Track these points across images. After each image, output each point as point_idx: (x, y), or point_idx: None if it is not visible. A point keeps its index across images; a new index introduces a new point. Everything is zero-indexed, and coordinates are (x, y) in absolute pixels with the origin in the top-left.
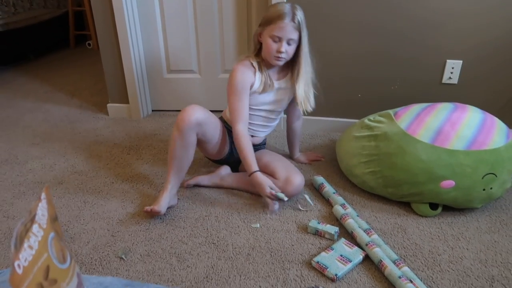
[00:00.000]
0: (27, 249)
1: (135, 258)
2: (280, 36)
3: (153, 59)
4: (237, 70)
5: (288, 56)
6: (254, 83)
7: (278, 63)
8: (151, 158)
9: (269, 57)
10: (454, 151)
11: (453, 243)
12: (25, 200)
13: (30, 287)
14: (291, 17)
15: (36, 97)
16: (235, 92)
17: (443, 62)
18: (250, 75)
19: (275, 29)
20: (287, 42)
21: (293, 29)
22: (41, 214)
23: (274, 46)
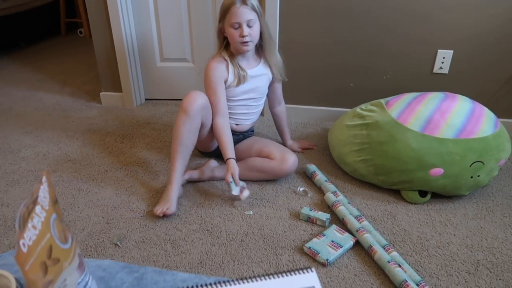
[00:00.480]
0: (31, 229)
1: (130, 245)
2: (238, 21)
3: (146, 47)
4: (210, 66)
5: (253, 38)
6: (228, 76)
7: (247, 48)
8: (145, 147)
9: (237, 45)
10: (444, 140)
11: (441, 229)
12: (19, 188)
13: (35, 265)
14: (241, 1)
15: (28, 85)
16: (210, 87)
17: (434, 52)
18: (222, 69)
19: (231, 16)
20: (247, 25)
21: (248, 10)
22: (43, 197)
23: (237, 32)
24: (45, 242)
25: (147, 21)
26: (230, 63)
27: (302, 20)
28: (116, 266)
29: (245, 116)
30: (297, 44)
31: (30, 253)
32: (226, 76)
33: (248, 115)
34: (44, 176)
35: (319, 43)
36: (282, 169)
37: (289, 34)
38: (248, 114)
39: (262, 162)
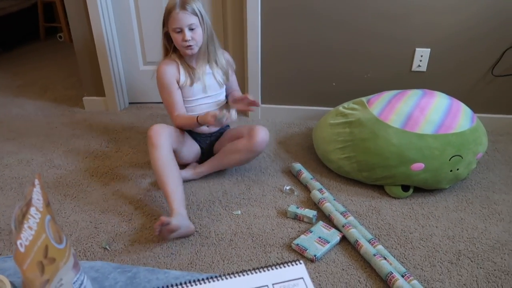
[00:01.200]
0: (27, 230)
1: (119, 248)
2: (179, 26)
3: (128, 51)
4: (161, 69)
5: (197, 41)
6: (180, 77)
7: (191, 51)
8: (130, 150)
9: (181, 49)
10: (423, 135)
11: (424, 222)
12: (3, 195)
13: (32, 264)
14: (180, 6)
15: (8, 92)
16: (164, 89)
17: (412, 51)
18: (173, 70)
19: (173, 22)
20: (189, 29)
21: (187, 16)
22: (37, 199)
23: (179, 37)
24: (41, 242)
25: (128, 23)
26: (180, 64)
27: (283, 25)
28: (108, 267)
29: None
30: (279, 48)
31: (27, 252)
32: (178, 76)
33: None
34: (36, 179)
35: (301, 46)
36: (252, 143)
37: (271, 38)
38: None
39: (234, 143)
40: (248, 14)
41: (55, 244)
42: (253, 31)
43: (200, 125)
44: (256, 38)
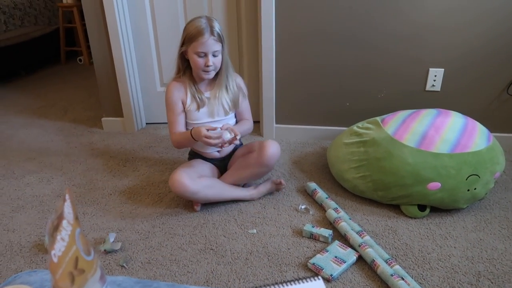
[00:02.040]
0: (60, 241)
1: (136, 266)
2: (205, 51)
3: (146, 73)
4: (168, 88)
5: (216, 67)
6: (186, 99)
7: (208, 76)
8: (147, 170)
9: (199, 72)
10: (439, 154)
11: (441, 242)
12: (24, 214)
13: (63, 274)
14: (210, 32)
15: (29, 113)
16: (169, 107)
17: (426, 71)
18: (180, 92)
19: (198, 46)
20: (213, 54)
21: (215, 42)
22: (68, 212)
23: (201, 61)
24: (72, 253)
25: (147, 47)
26: (188, 86)
27: (297, 46)
28: (129, 281)
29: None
30: (293, 70)
31: (60, 263)
32: (184, 98)
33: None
34: (66, 193)
35: (315, 66)
36: (262, 156)
37: (285, 61)
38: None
39: (245, 158)
40: (263, 38)
41: (84, 256)
42: (268, 55)
43: (195, 141)
44: (270, 61)
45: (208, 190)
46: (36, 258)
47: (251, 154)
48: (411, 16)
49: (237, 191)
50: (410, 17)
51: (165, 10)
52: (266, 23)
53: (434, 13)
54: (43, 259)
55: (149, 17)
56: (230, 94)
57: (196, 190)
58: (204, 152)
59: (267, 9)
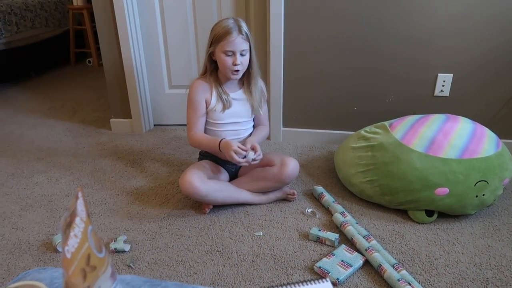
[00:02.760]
0: (73, 238)
1: (142, 266)
2: (233, 50)
3: (155, 75)
4: (193, 85)
5: (243, 67)
6: (211, 99)
7: (236, 76)
8: (155, 171)
9: (226, 71)
10: (447, 160)
11: (449, 248)
12: (33, 212)
13: (76, 270)
14: (238, 30)
15: (38, 113)
16: (190, 105)
17: (434, 76)
18: (206, 91)
19: (226, 44)
20: (240, 54)
21: (243, 41)
22: (80, 210)
23: (229, 60)
24: (85, 250)
25: (156, 49)
26: (214, 87)
27: (305, 50)
28: (138, 280)
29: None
30: (301, 73)
31: (73, 259)
32: (209, 98)
33: (240, 140)
34: (79, 191)
35: (323, 70)
36: (282, 173)
37: (294, 64)
38: (240, 139)
39: (264, 170)
40: (272, 41)
41: (96, 253)
42: (276, 58)
43: (219, 151)
44: (279, 65)
45: (218, 193)
46: (44, 256)
47: (271, 168)
48: (420, 20)
49: (247, 195)
50: (419, 22)
51: (175, 14)
52: (274, 27)
53: (443, 18)
54: (51, 258)
55: (158, 20)
56: (254, 97)
57: (206, 193)
58: (218, 153)
59: (276, 13)
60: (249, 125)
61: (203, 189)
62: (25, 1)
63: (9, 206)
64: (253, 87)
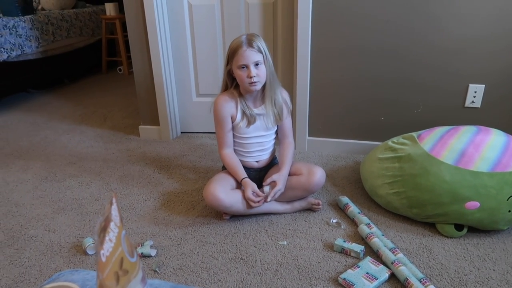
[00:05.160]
0: (108, 242)
1: (168, 271)
2: (246, 63)
3: (183, 83)
4: (218, 102)
5: (261, 78)
6: (236, 114)
7: (255, 88)
8: (181, 177)
9: (245, 85)
10: (478, 173)
11: (479, 264)
12: (65, 215)
13: (110, 273)
14: (247, 44)
15: (71, 119)
16: (217, 122)
17: (465, 87)
18: (231, 106)
19: (239, 59)
20: (255, 65)
21: (254, 53)
22: (115, 215)
23: (244, 73)
24: (118, 254)
25: (185, 59)
26: (239, 101)
27: (332, 59)
28: (166, 285)
29: (261, 152)
30: (328, 82)
31: (107, 263)
32: (235, 114)
33: (264, 151)
34: (113, 197)
35: (350, 78)
36: (310, 182)
37: (320, 73)
38: (264, 150)
39: (291, 179)
40: (298, 49)
41: (128, 257)
42: (302, 67)
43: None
44: (305, 73)
45: (242, 204)
46: (74, 258)
47: (298, 177)
48: (450, 28)
49: (271, 205)
50: (449, 29)
51: (204, 27)
52: (302, 36)
53: (475, 24)
54: (81, 260)
55: (188, 31)
56: (276, 108)
57: (230, 204)
58: (243, 160)
59: (304, 24)
60: (272, 137)
61: (227, 200)
62: (62, 11)
63: (42, 209)
64: (271, 98)
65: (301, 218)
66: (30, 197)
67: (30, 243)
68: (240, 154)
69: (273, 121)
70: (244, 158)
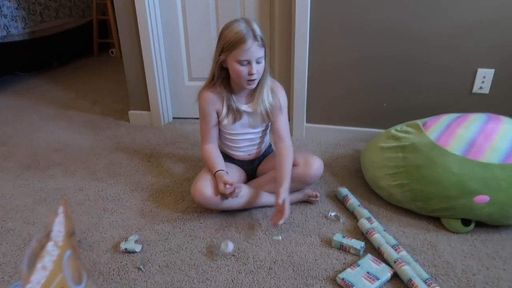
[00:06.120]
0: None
1: (153, 269)
2: (249, 59)
3: (175, 67)
4: (203, 96)
5: (259, 75)
6: (222, 110)
7: (251, 86)
8: (171, 166)
9: (241, 82)
10: (489, 165)
11: (488, 263)
12: (46, 206)
13: None
14: (252, 37)
15: (59, 104)
16: (202, 116)
17: (473, 71)
18: (217, 102)
19: (241, 53)
20: (256, 61)
21: (259, 48)
22: (57, 230)
23: (245, 70)
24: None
25: (176, 42)
26: (226, 97)
27: (333, 38)
28: None
29: (251, 147)
30: (327, 65)
31: None
32: (220, 109)
33: (255, 145)
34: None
35: (351, 61)
36: (307, 174)
37: (319, 55)
38: (254, 144)
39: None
40: (297, 30)
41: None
42: (300, 47)
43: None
44: (303, 56)
45: (233, 199)
46: None
47: (294, 168)
48: (460, 9)
49: (265, 198)
50: (459, 10)
51: (196, 5)
52: (300, 14)
53: (485, 7)
54: None
55: (179, 12)
56: (266, 104)
57: (219, 202)
58: (233, 153)
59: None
60: (262, 132)
61: (215, 199)
62: None
63: (22, 199)
64: (262, 95)
65: (297, 211)
66: (11, 187)
67: (7, 237)
68: (230, 148)
69: (260, 120)
70: (235, 152)
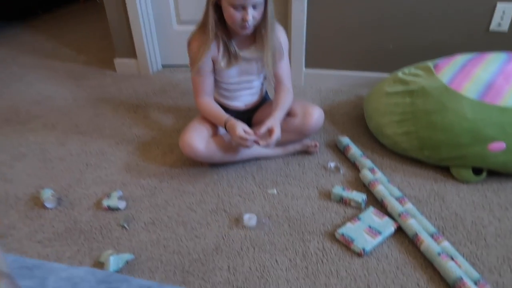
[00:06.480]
0: None
1: (138, 227)
2: (243, 4)
3: (161, 9)
4: (194, 44)
5: (255, 21)
6: (218, 56)
7: (246, 31)
8: (159, 117)
9: (235, 27)
10: (507, 109)
11: (501, 214)
12: (24, 162)
13: None
14: None
15: (41, 53)
16: (194, 66)
17: (492, 6)
18: (210, 46)
19: None
20: (252, 7)
21: None
22: None
23: (238, 15)
24: None
25: None
26: (221, 40)
27: None
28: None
29: (250, 96)
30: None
31: None
32: (215, 53)
33: (254, 94)
34: None
35: None
36: (305, 125)
37: None
38: (253, 93)
39: (284, 121)
40: None
41: None
42: None
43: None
44: None
45: (225, 151)
46: (31, 213)
47: (291, 119)
48: None
49: (260, 148)
50: None
51: None
52: None
53: None
54: (38, 215)
55: None
56: (268, 51)
57: (210, 154)
58: (229, 104)
59: None
60: (260, 78)
61: (207, 150)
62: None
63: (0, 155)
64: (268, 40)
65: (294, 162)
66: None
67: None
68: (227, 98)
69: (260, 66)
70: (231, 102)
